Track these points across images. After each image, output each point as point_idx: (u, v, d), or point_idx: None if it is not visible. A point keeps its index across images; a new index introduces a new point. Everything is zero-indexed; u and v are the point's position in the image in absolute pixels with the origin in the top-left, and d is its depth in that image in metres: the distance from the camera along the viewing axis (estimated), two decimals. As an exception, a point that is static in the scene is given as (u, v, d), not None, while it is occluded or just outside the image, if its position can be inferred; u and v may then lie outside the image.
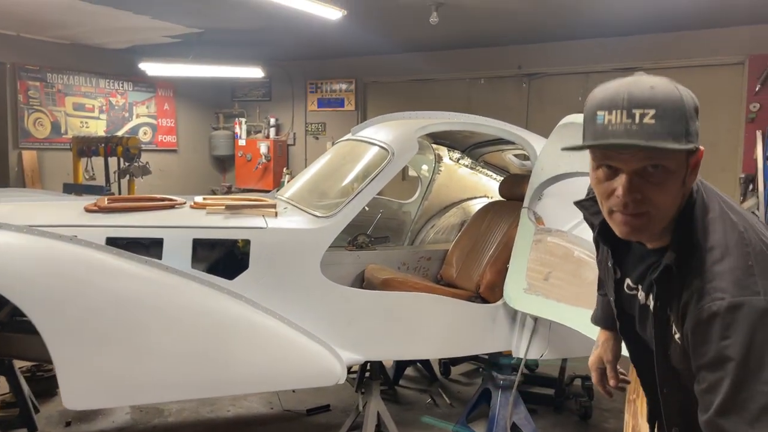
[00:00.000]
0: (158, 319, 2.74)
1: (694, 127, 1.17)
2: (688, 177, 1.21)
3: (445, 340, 3.37)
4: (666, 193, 1.19)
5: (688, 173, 1.20)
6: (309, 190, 3.84)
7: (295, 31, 6.77)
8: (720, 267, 1.15)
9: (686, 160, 1.19)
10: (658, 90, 1.17)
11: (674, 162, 1.17)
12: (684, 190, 1.22)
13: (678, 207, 1.23)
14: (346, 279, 3.89)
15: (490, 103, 7.61)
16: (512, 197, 4.00)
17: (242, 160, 9.20)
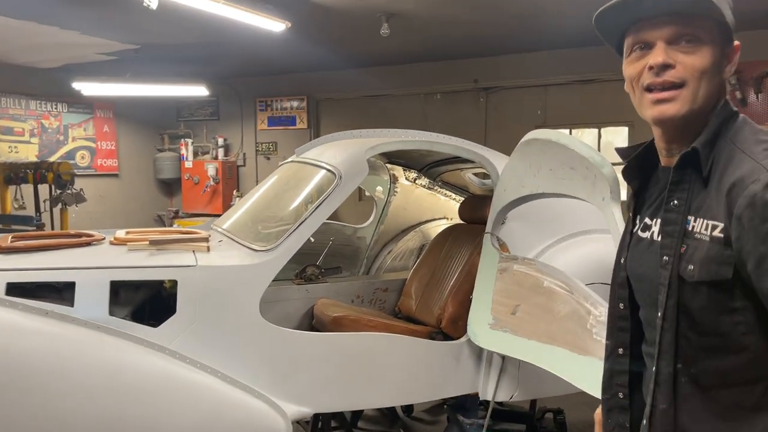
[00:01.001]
0: (62, 383, 2.31)
1: (730, 14, 1.17)
2: (725, 67, 1.20)
3: (404, 386, 3.01)
4: (701, 62, 1.17)
5: (725, 62, 1.20)
6: (248, 219, 3.44)
7: (239, 46, 6.38)
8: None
9: (722, 46, 1.18)
10: None
11: (710, 36, 1.16)
12: (720, 81, 1.20)
13: (711, 99, 1.19)
14: (294, 317, 3.49)
15: (447, 118, 7.34)
16: (473, 220, 3.69)
17: (189, 183, 8.72)
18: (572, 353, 2.58)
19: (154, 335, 2.66)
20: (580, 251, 3.18)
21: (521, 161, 3.01)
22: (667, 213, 1.20)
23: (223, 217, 3.66)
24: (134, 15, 5.16)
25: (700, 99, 1.18)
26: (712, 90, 1.18)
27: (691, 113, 1.18)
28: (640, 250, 1.31)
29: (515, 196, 3.06)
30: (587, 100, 6.69)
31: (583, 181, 2.65)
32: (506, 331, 2.90)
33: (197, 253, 2.87)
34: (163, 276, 2.78)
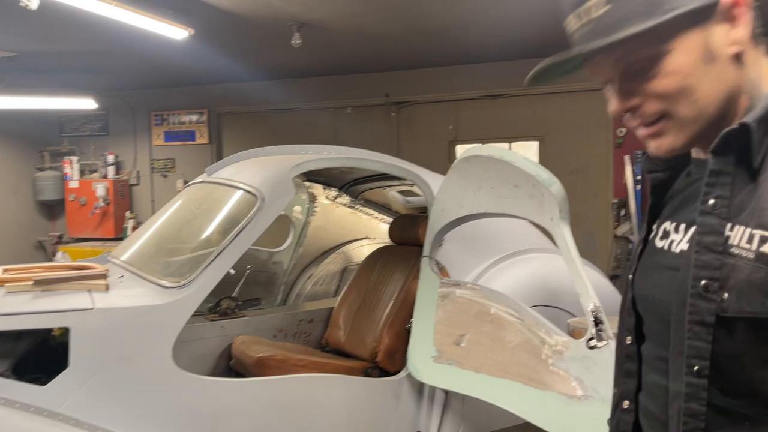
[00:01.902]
0: None
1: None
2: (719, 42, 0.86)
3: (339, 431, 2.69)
4: (671, 79, 0.86)
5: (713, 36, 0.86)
6: (153, 250, 3.01)
7: (134, 54, 5.84)
8: None
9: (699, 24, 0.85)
10: None
11: (665, 39, 0.85)
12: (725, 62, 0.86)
13: (725, 88, 0.87)
14: (209, 358, 3.09)
15: (358, 133, 7.12)
16: (404, 241, 3.45)
17: (75, 204, 7.92)
18: (528, 387, 2.38)
19: (42, 396, 2.20)
20: (519, 272, 3.02)
21: (459, 179, 2.81)
22: (705, 216, 0.86)
23: (121, 247, 3.20)
24: (10, 17, 4.54)
25: (702, 108, 0.87)
26: (715, 83, 0.87)
27: (697, 131, 0.89)
28: (652, 264, 1.00)
29: (454, 216, 2.85)
30: (498, 114, 6.69)
31: (529, 200, 2.48)
32: (451, 364, 2.66)
33: (94, 293, 2.43)
34: (52, 323, 2.32)
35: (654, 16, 0.83)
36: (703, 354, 0.84)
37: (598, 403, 2.15)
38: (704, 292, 0.84)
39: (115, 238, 7.68)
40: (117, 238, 7.65)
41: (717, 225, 0.85)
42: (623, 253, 6.04)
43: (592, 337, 2.18)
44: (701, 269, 0.85)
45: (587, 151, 6.29)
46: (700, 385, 0.85)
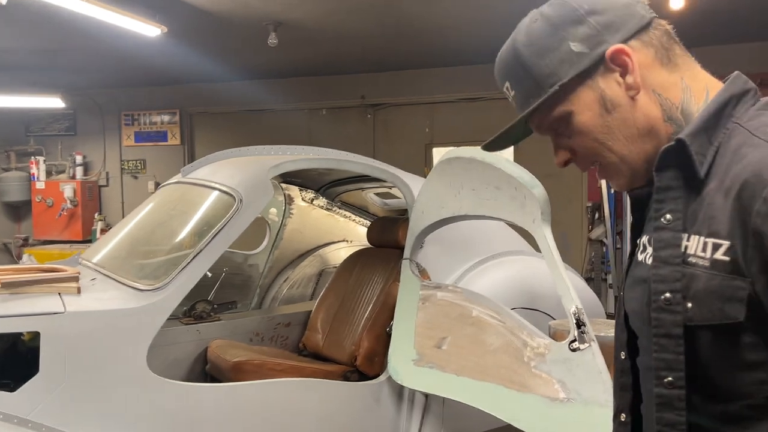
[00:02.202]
0: None
1: (555, 57, 0.94)
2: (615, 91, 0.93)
3: (320, 437, 2.65)
4: (587, 137, 0.95)
5: (607, 88, 0.93)
6: (126, 251, 2.93)
7: (104, 52, 5.71)
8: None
9: (589, 81, 0.93)
10: (501, 56, 1.02)
11: (564, 104, 0.95)
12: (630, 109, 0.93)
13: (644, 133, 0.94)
14: (184, 363, 3.01)
15: (333, 135, 7.07)
16: (383, 244, 3.42)
17: (41, 205, 7.71)
18: (509, 390, 2.37)
19: (11, 402, 2.12)
20: (498, 275, 3.02)
21: (441, 181, 2.79)
22: (659, 232, 0.89)
23: (92, 249, 3.11)
24: (-27, 11, 4.40)
25: (622, 151, 0.94)
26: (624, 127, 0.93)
27: (633, 170, 0.95)
28: (634, 279, 1.01)
29: (435, 218, 2.83)
30: (474, 118, 6.71)
31: (511, 202, 2.48)
32: (432, 367, 2.64)
33: (65, 297, 2.35)
34: (21, 327, 2.24)
35: (541, 94, 0.95)
36: (673, 366, 0.86)
37: (580, 406, 2.14)
38: (666, 305, 0.86)
39: (83, 241, 7.50)
40: (85, 241, 7.46)
41: (671, 238, 0.87)
42: (597, 257, 6.10)
43: (575, 340, 2.18)
44: (660, 283, 0.87)
45: (562, 156, 6.33)
46: (674, 395, 0.86)
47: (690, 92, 0.94)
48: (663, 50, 0.95)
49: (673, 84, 0.94)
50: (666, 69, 0.95)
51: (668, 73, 0.95)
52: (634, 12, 0.94)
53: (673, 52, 0.95)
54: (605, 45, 0.93)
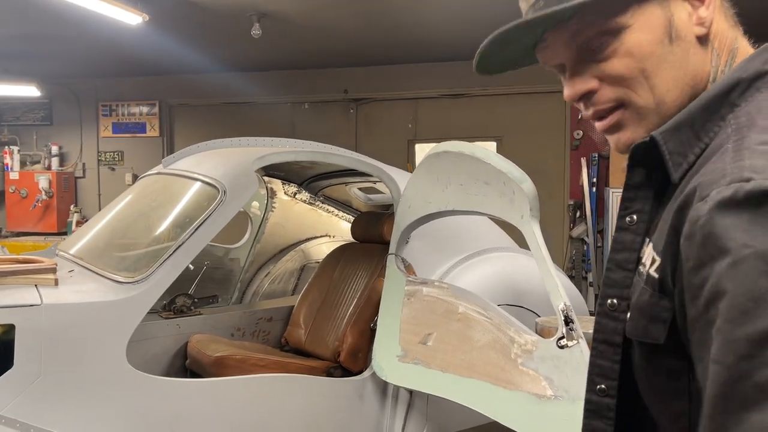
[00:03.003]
0: None
1: None
2: (684, 20, 0.76)
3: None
4: (632, 61, 0.76)
5: (677, 12, 0.76)
6: (106, 242, 2.85)
7: (82, 40, 5.57)
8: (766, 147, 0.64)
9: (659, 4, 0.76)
10: None
11: (623, 12, 0.75)
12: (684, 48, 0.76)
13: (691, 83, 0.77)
14: (163, 357, 2.95)
15: (316, 128, 7.00)
16: (367, 239, 3.38)
17: (15, 196, 7.53)
18: (496, 386, 2.35)
19: (-18, 398, 2.04)
20: (486, 270, 3.00)
21: (428, 175, 2.76)
22: (620, 232, 0.80)
23: (70, 240, 3.02)
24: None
25: (662, 96, 0.78)
26: (677, 68, 0.77)
27: (657, 125, 0.77)
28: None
29: (421, 213, 2.80)
30: (457, 114, 6.70)
31: (500, 197, 2.46)
32: (417, 363, 2.61)
33: (41, 288, 2.27)
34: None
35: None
36: (607, 374, 0.80)
37: (567, 403, 2.13)
38: (610, 310, 0.79)
39: (58, 233, 7.34)
40: (60, 233, 7.31)
41: (630, 242, 0.78)
42: (578, 255, 6.13)
43: (563, 337, 2.16)
44: (609, 287, 0.80)
45: (544, 153, 6.36)
46: (603, 404, 0.80)
47: (733, 59, 0.79)
48: (727, 7, 0.80)
49: (729, 40, 0.79)
50: (727, 23, 0.79)
51: (728, 29, 0.79)
52: None
53: (731, 9, 0.81)
54: None
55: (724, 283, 0.59)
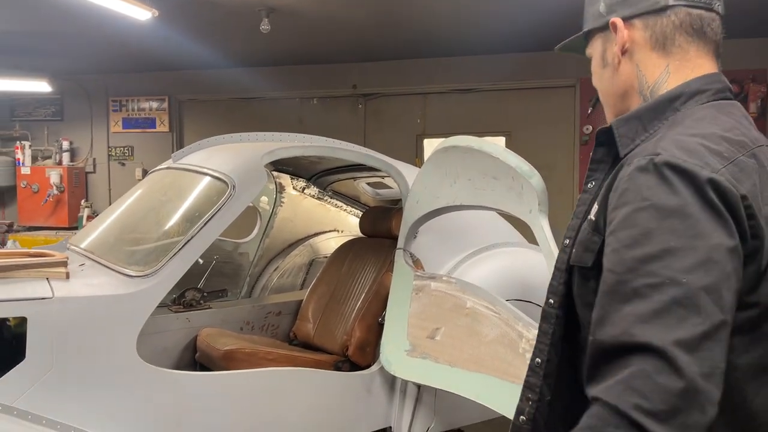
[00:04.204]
0: None
1: (593, 7, 1.16)
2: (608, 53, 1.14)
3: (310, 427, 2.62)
4: (594, 77, 1.20)
5: (608, 47, 1.14)
6: (116, 237, 2.88)
7: (92, 36, 5.60)
8: (679, 136, 0.96)
9: (601, 40, 1.16)
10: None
11: (589, 47, 1.20)
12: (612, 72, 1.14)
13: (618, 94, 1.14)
14: (173, 351, 2.97)
15: (325, 123, 7.01)
16: (375, 234, 3.39)
17: (27, 191, 7.60)
18: (503, 381, 2.36)
19: (-5, 390, 2.07)
20: (494, 265, 3.00)
21: (436, 170, 2.76)
22: (583, 194, 1.11)
23: (81, 234, 3.05)
24: (-41, -10, 4.30)
25: (606, 99, 1.18)
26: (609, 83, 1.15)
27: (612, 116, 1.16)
28: None
29: (429, 208, 2.81)
30: (466, 109, 6.68)
31: (508, 192, 2.45)
32: (426, 357, 2.62)
33: (53, 282, 2.29)
34: (7, 312, 2.18)
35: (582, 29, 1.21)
36: (555, 291, 1.09)
37: (575, 397, 2.13)
38: (564, 247, 1.09)
39: (69, 228, 7.40)
40: (71, 227, 7.37)
41: (586, 200, 1.08)
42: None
43: (571, 331, 2.17)
44: (568, 230, 1.09)
45: (553, 148, 6.34)
46: (551, 313, 1.09)
47: (667, 79, 1.07)
48: (661, 37, 1.07)
49: (656, 66, 1.08)
50: (656, 52, 1.08)
51: (657, 57, 1.08)
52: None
53: (672, 42, 1.07)
54: (615, 14, 1.10)
55: (627, 220, 0.90)
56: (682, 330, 0.81)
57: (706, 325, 0.82)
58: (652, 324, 0.82)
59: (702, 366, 0.80)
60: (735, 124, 1.00)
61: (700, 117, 1.00)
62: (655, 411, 0.79)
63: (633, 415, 0.79)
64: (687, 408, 0.79)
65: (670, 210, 0.86)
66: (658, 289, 0.83)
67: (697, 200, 0.86)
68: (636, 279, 0.85)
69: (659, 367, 0.80)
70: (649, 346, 0.81)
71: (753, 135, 1.01)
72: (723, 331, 0.83)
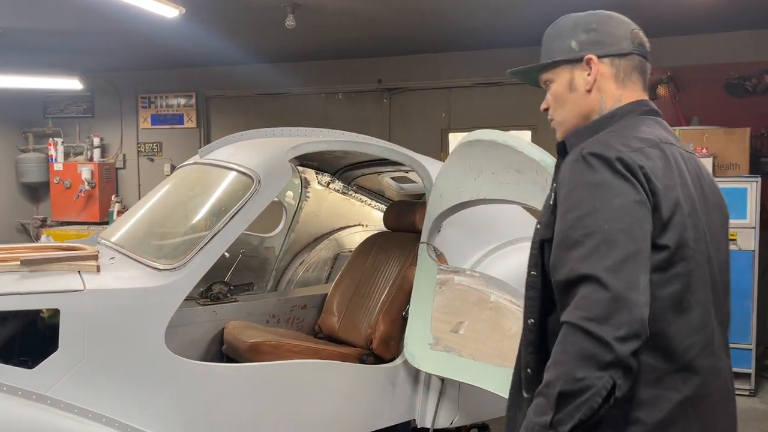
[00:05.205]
0: None
1: (563, 43, 1.44)
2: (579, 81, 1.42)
3: (337, 419, 2.65)
4: (553, 98, 1.47)
5: (576, 76, 1.42)
6: (145, 231, 2.93)
7: (122, 34, 5.70)
8: (600, 137, 1.33)
9: (569, 70, 1.43)
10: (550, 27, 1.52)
11: (552, 74, 1.46)
12: (581, 96, 1.42)
13: (582, 113, 1.43)
14: (200, 343, 3.02)
15: (349, 118, 7.03)
16: (399, 228, 3.40)
17: (59, 187, 7.76)
18: (527, 375, 2.35)
19: (29, 379, 2.14)
20: (518, 259, 2.98)
21: (459, 164, 2.76)
22: (551, 191, 1.39)
23: (111, 229, 3.12)
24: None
25: (566, 118, 1.46)
26: (574, 105, 1.43)
27: (566, 131, 1.46)
28: None
29: (453, 202, 2.81)
30: (491, 103, 6.64)
31: (532, 186, 2.44)
32: (449, 351, 2.63)
33: (84, 275, 2.35)
34: (41, 304, 2.25)
35: (546, 59, 1.47)
36: (533, 263, 1.37)
37: (599, 392, 2.12)
38: (536, 230, 1.38)
39: (100, 222, 7.55)
40: (102, 222, 7.51)
41: (550, 195, 1.38)
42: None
43: (595, 325, 2.15)
44: (540, 216, 1.40)
45: (579, 142, 6.25)
46: (533, 282, 1.36)
47: (618, 105, 1.40)
48: (622, 73, 1.41)
49: (613, 95, 1.41)
50: (616, 84, 1.41)
51: (615, 88, 1.41)
52: (619, 42, 1.41)
53: (629, 78, 1.41)
54: (587, 52, 1.41)
55: (567, 196, 1.25)
56: (607, 260, 1.14)
57: (623, 254, 1.14)
58: (587, 260, 1.15)
59: (623, 281, 1.12)
60: (650, 130, 1.35)
61: (626, 126, 1.35)
62: (594, 317, 1.11)
63: (581, 324, 1.11)
64: (616, 311, 1.11)
65: (594, 184, 1.22)
66: (590, 236, 1.17)
67: (611, 173, 1.21)
68: (575, 232, 1.19)
69: (594, 288, 1.13)
70: (587, 276, 1.14)
71: (663, 136, 1.35)
72: (638, 257, 1.16)
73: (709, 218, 1.34)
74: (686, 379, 1.24)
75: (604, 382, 1.09)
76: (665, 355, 1.23)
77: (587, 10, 1.51)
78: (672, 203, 1.24)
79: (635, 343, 1.10)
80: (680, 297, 1.24)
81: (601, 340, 1.09)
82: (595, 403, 1.09)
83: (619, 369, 1.09)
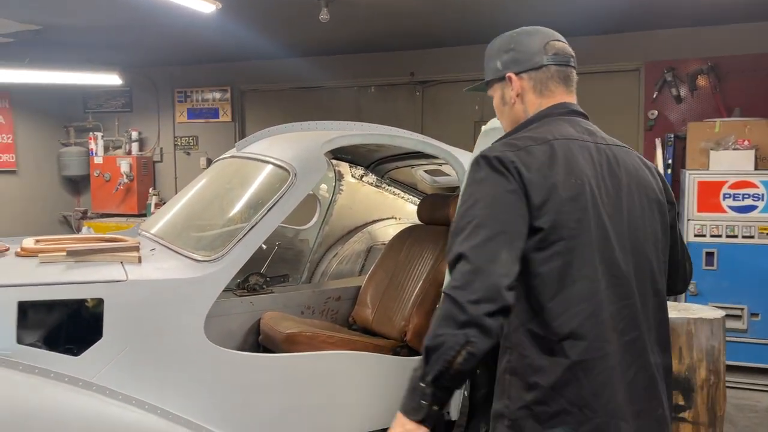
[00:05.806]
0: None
1: (492, 64, 1.70)
2: (507, 94, 1.67)
3: (372, 410, 2.67)
4: (496, 111, 1.74)
5: (505, 91, 1.67)
6: (184, 223, 3.00)
7: (160, 30, 5.80)
8: (495, 143, 1.58)
9: (500, 87, 1.69)
10: None
11: (490, 91, 1.74)
12: (510, 108, 1.67)
13: (514, 121, 1.67)
14: (237, 333, 3.08)
15: (382, 112, 7.04)
16: (433, 221, 3.40)
17: (99, 180, 7.96)
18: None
19: (75, 365, 2.21)
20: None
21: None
22: None
23: (151, 220, 3.19)
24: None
25: (506, 126, 1.72)
26: (507, 115, 1.69)
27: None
28: None
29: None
30: (525, 95, 6.57)
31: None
32: (483, 344, 2.62)
33: (126, 265, 2.42)
34: (86, 294, 2.32)
35: (485, 78, 1.75)
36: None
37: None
38: None
39: (138, 214, 7.72)
40: (140, 215, 7.68)
41: None
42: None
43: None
44: None
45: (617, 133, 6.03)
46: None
47: (539, 111, 1.63)
48: (539, 84, 1.63)
49: (534, 103, 1.63)
50: (536, 95, 1.63)
51: (536, 98, 1.63)
52: (532, 58, 1.62)
53: (546, 87, 1.63)
54: (508, 70, 1.64)
55: (463, 193, 1.48)
56: (474, 240, 1.36)
57: (488, 234, 1.36)
58: (463, 242, 1.37)
59: (485, 255, 1.34)
60: (553, 128, 1.55)
61: (537, 128, 1.57)
62: (457, 285, 1.33)
63: (448, 291, 1.34)
64: (474, 279, 1.32)
65: (478, 180, 1.45)
66: (469, 223, 1.39)
67: (490, 170, 1.44)
68: (461, 221, 1.41)
69: (463, 263, 1.35)
70: (460, 255, 1.36)
71: (565, 132, 1.54)
72: (501, 236, 1.37)
73: (627, 201, 1.52)
74: (573, 346, 1.40)
75: (457, 339, 1.28)
76: (549, 326, 1.41)
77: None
78: (546, 191, 1.42)
79: (488, 305, 1.29)
80: (564, 272, 1.41)
81: (457, 302, 1.30)
82: (448, 356, 1.28)
83: (474, 328, 1.28)
